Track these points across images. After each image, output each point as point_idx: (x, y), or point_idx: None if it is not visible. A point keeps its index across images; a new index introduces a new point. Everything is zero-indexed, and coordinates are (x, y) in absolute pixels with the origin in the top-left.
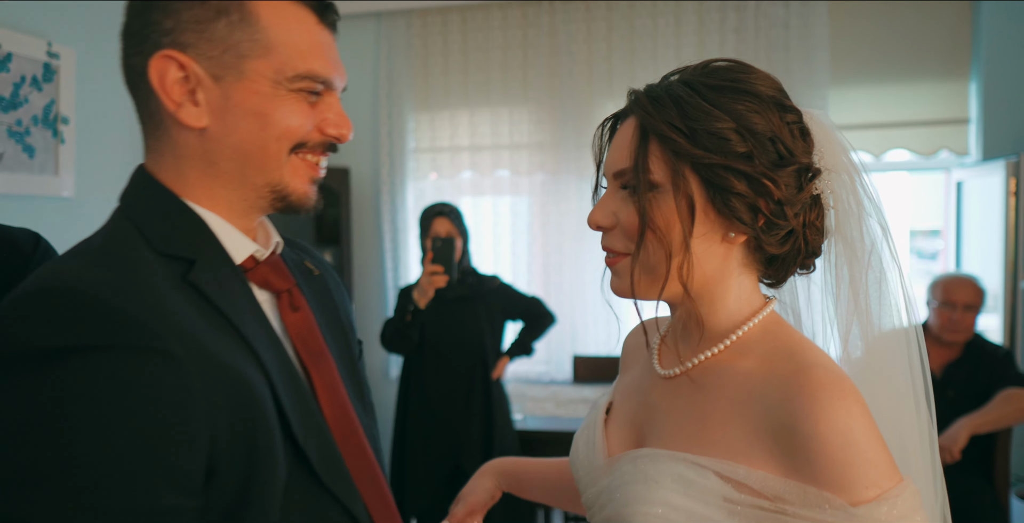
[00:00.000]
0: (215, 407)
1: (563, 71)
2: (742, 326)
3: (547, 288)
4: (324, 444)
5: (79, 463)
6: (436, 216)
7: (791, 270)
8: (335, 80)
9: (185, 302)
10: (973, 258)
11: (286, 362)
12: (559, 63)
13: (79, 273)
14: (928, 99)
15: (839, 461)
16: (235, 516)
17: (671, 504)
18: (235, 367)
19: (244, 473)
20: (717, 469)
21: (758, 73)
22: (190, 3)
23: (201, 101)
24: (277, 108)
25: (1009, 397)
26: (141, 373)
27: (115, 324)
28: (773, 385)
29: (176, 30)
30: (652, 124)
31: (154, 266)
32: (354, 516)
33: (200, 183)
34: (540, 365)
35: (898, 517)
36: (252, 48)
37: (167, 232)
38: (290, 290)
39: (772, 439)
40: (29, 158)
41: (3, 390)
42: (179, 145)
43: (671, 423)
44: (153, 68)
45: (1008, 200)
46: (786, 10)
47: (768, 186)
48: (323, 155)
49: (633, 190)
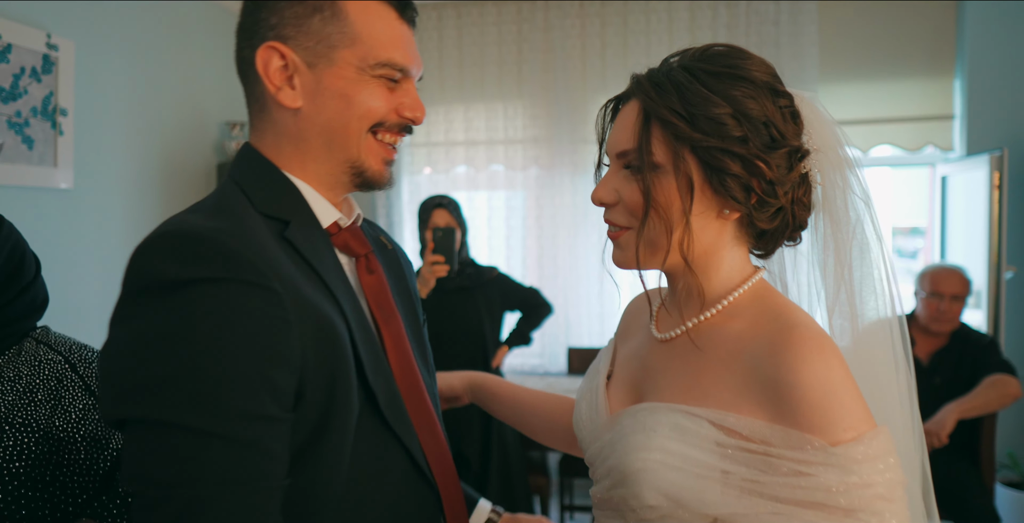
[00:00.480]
0: (306, 338)
1: (557, 66)
2: (733, 292)
3: (541, 282)
4: (390, 389)
5: (202, 373)
6: (435, 208)
7: (779, 243)
8: (412, 69)
9: (282, 254)
10: (957, 252)
11: (362, 315)
12: (553, 58)
13: (200, 222)
14: (914, 96)
15: (819, 407)
16: (317, 441)
17: (667, 450)
18: (322, 310)
19: (325, 402)
20: (710, 417)
21: (754, 59)
22: (291, 2)
23: (297, 85)
24: (360, 91)
25: (994, 383)
26: (250, 303)
27: (230, 262)
28: (760, 343)
29: (279, 25)
30: (655, 109)
31: (258, 222)
32: (411, 454)
33: (294, 157)
34: (535, 358)
35: (872, 457)
36: (341, 39)
37: (268, 196)
38: (367, 255)
39: (759, 390)
40: (28, 149)
41: (139, 315)
42: (278, 124)
43: (668, 380)
44: (259, 57)
45: (992, 193)
46: (776, 8)
47: (761, 167)
48: (399, 135)
49: (635, 169)
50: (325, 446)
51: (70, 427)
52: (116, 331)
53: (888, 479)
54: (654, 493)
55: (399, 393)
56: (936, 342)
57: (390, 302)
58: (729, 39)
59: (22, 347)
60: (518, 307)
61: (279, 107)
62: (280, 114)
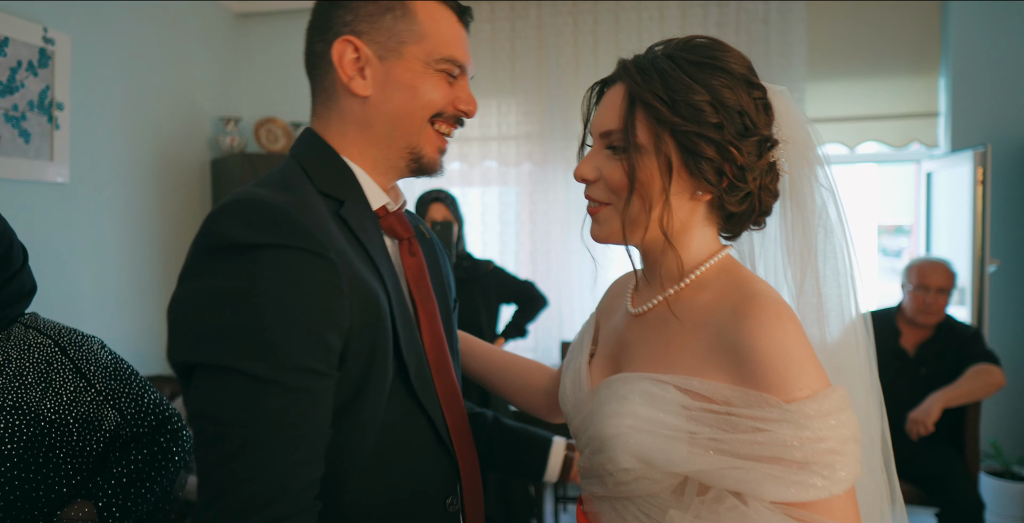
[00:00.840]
0: (354, 307)
1: (550, 63)
2: (701, 266)
3: (535, 277)
4: (420, 363)
5: (264, 327)
6: (432, 202)
7: (746, 226)
8: (468, 66)
9: (337, 230)
10: (942, 246)
11: (401, 293)
12: (547, 55)
13: (268, 194)
14: (900, 93)
15: (775, 368)
16: (354, 402)
17: (638, 415)
18: (369, 284)
19: (365, 367)
20: (676, 383)
21: (732, 52)
22: (366, 2)
23: (368, 76)
24: (424, 83)
25: (978, 372)
26: (310, 269)
27: (294, 231)
28: (723, 312)
29: (354, 22)
30: (639, 93)
31: (317, 199)
32: (434, 425)
33: (357, 142)
34: (528, 352)
35: (825, 413)
36: (410, 36)
37: (326, 177)
38: (410, 239)
39: (722, 355)
40: (25, 143)
41: (210, 272)
42: (345, 111)
43: (642, 352)
44: (335, 49)
45: (976, 189)
46: (766, 7)
47: (733, 153)
48: (453, 127)
49: (616, 149)
50: (361, 408)
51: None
52: (187, 286)
53: (840, 434)
54: (627, 456)
55: (429, 368)
56: (922, 334)
57: (427, 284)
58: (719, 37)
59: (11, 332)
60: (514, 300)
61: (349, 96)
62: (348, 102)
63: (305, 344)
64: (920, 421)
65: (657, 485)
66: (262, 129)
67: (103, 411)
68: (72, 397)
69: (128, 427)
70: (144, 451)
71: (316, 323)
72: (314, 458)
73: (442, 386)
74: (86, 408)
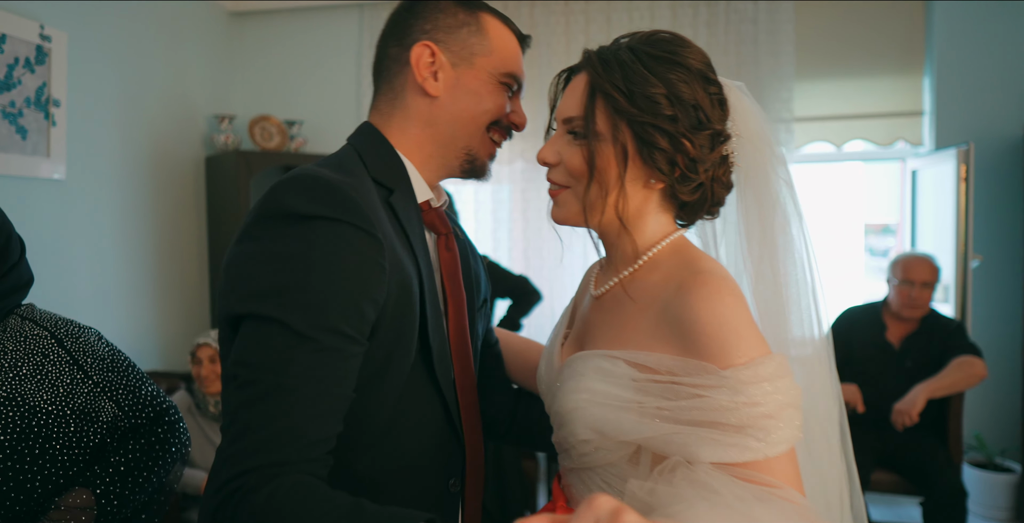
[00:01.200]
0: (391, 285)
1: (542, 62)
2: (653, 247)
3: (528, 273)
4: (443, 349)
5: (309, 287)
6: None
7: (700, 215)
8: (523, 85)
9: (384, 215)
10: (927, 243)
11: (433, 283)
12: (539, 54)
13: (327, 173)
14: (886, 92)
15: (714, 338)
16: (380, 374)
17: (593, 389)
18: (406, 267)
19: (393, 342)
20: (625, 357)
21: (692, 48)
22: (444, 15)
23: (440, 79)
24: (489, 92)
25: (961, 364)
26: (357, 243)
27: (348, 208)
28: (670, 288)
29: (432, 30)
30: (600, 83)
31: (370, 185)
32: (447, 407)
33: (416, 138)
34: None
35: (760, 379)
36: (481, 49)
37: (380, 166)
38: (447, 235)
39: (668, 329)
40: (22, 139)
41: (268, 236)
42: (411, 108)
43: (601, 331)
44: (414, 52)
45: (959, 186)
46: (755, 7)
47: (686, 145)
48: (504, 136)
49: (577, 135)
50: (383, 381)
51: (58, 400)
52: (245, 247)
53: (776, 400)
54: (584, 428)
55: (451, 355)
56: (907, 327)
57: (459, 279)
58: (709, 36)
59: (7, 323)
60: (508, 294)
61: (419, 95)
62: (416, 101)
63: (343, 310)
64: (905, 412)
65: (613, 454)
66: (256, 127)
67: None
68: (68, 388)
69: (126, 418)
70: (142, 441)
71: (356, 292)
72: (333, 415)
73: (461, 376)
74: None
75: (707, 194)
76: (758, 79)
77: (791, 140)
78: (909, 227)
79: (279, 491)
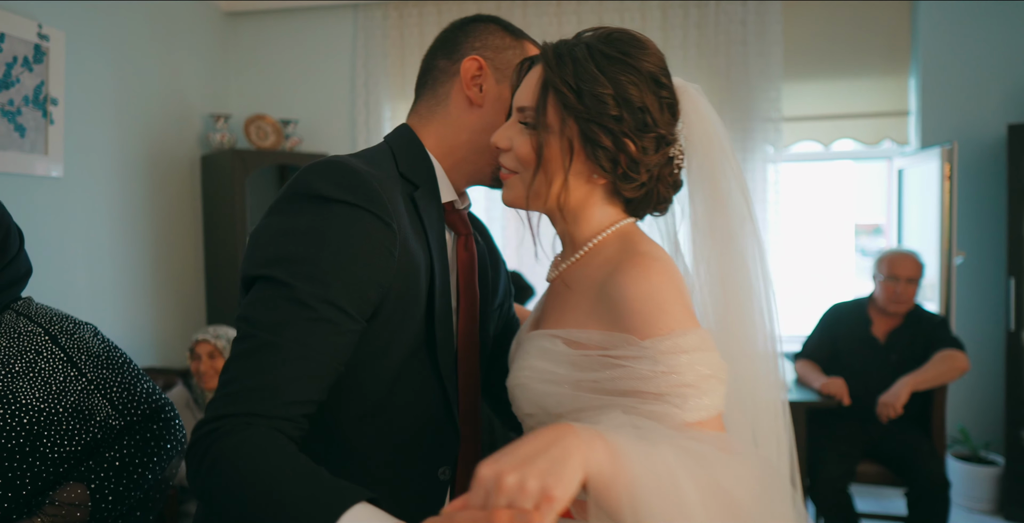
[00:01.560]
0: (399, 274)
1: None
2: (599, 235)
3: (521, 270)
4: (448, 341)
5: (320, 261)
6: None
7: (647, 211)
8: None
9: (405, 209)
10: (913, 241)
11: (447, 278)
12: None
13: (357, 163)
14: (872, 92)
15: (639, 312)
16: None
17: (534, 367)
18: (417, 258)
19: (395, 325)
20: (562, 336)
21: (648, 50)
22: (494, 37)
23: (484, 90)
24: None
25: (944, 358)
26: (372, 230)
27: (369, 197)
28: (606, 270)
29: (481, 47)
30: (552, 78)
31: (396, 180)
32: (447, 398)
33: (454, 143)
34: None
35: (680, 349)
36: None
37: (410, 163)
38: (467, 236)
39: (602, 307)
40: (20, 137)
41: (292, 212)
42: (452, 115)
43: (549, 313)
44: (464, 64)
45: (943, 184)
46: (744, 8)
47: (628, 145)
48: None
49: (528, 125)
50: (383, 360)
51: (51, 398)
52: (271, 219)
53: (696, 370)
54: (528, 403)
55: (456, 349)
56: (892, 322)
57: (474, 278)
58: (699, 37)
59: (1, 319)
60: None
61: (462, 103)
62: (458, 108)
63: (346, 287)
64: (889, 404)
65: None
66: (252, 126)
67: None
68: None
69: (119, 416)
70: (136, 438)
71: (362, 274)
72: (316, 381)
73: (465, 370)
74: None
75: (652, 193)
76: (747, 79)
77: (780, 139)
78: (895, 225)
79: (249, 440)
